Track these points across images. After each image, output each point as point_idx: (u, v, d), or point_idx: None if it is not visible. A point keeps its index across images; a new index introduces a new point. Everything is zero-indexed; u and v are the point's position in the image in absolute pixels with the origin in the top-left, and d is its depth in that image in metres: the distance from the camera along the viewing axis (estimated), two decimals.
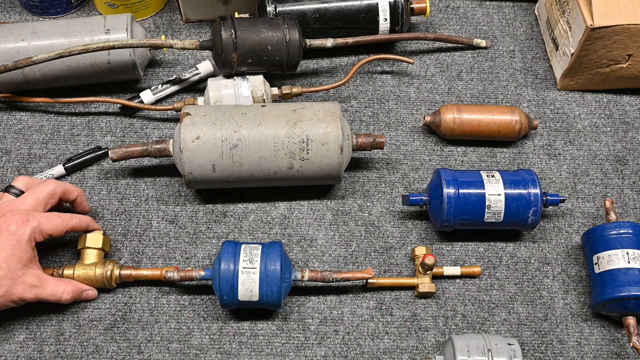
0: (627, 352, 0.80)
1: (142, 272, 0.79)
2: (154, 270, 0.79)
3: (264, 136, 0.80)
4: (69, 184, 0.81)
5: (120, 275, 0.79)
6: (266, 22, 0.89)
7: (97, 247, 0.79)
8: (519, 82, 1.00)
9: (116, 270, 0.79)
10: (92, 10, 1.04)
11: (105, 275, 0.78)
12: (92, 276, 0.78)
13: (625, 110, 0.97)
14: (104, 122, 0.94)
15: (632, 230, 0.79)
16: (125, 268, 0.79)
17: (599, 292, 0.78)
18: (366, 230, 0.87)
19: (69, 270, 0.78)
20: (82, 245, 0.79)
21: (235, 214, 0.87)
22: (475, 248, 0.86)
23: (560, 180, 0.91)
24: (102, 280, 0.78)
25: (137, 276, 0.79)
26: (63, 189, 0.79)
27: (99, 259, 0.79)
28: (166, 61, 1.00)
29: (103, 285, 0.79)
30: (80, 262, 0.79)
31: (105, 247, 0.80)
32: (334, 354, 0.79)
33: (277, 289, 0.74)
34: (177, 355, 0.78)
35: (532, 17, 1.07)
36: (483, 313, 0.82)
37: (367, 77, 0.99)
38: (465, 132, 0.91)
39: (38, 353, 0.77)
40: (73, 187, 0.81)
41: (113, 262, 0.79)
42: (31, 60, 0.85)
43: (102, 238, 0.79)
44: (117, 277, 0.79)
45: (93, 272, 0.78)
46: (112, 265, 0.79)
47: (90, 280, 0.78)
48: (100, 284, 0.79)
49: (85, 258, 0.79)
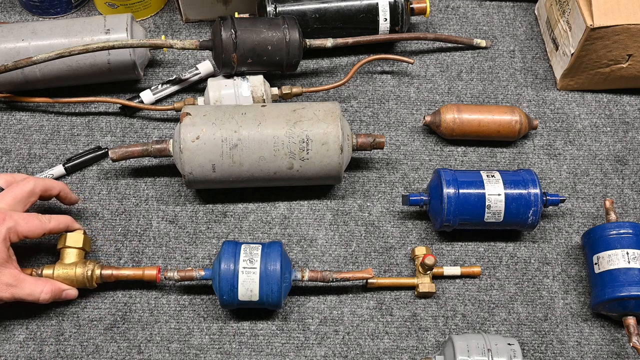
0: (627, 352, 0.80)
1: (123, 272, 0.78)
2: (136, 270, 0.78)
3: (264, 136, 0.80)
4: (50, 180, 0.80)
5: (102, 275, 0.77)
6: (266, 22, 0.89)
7: (78, 246, 0.77)
8: (519, 82, 1.00)
9: (97, 270, 0.77)
10: (92, 10, 1.04)
11: (86, 275, 0.76)
12: (72, 276, 0.76)
13: (625, 110, 0.97)
14: (104, 122, 0.94)
15: (632, 230, 0.79)
16: (107, 268, 0.78)
17: (599, 292, 0.78)
18: (366, 230, 0.87)
19: (48, 270, 0.76)
20: (62, 244, 0.78)
21: (235, 214, 0.87)
22: (475, 248, 0.86)
23: (560, 180, 0.91)
24: (82, 280, 0.77)
25: (118, 276, 0.78)
26: (43, 186, 0.78)
27: (79, 258, 0.78)
28: (166, 61, 1.00)
29: (84, 285, 0.77)
30: (60, 262, 0.77)
31: (86, 247, 0.79)
32: (334, 354, 0.79)
33: (277, 288, 0.74)
34: (177, 355, 0.78)
35: (532, 17, 1.07)
36: (483, 313, 0.82)
37: (367, 77, 0.99)
38: (465, 132, 0.91)
39: (38, 353, 0.77)
40: (54, 182, 0.80)
41: (94, 262, 0.78)
42: (31, 60, 0.85)
43: (82, 237, 0.78)
44: (98, 277, 0.77)
45: (73, 272, 0.76)
46: (92, 264, 0.77)
47: (70, 280, 0.76)
48: (81, 284, 0.77)
49: (65, 257, 0.77)
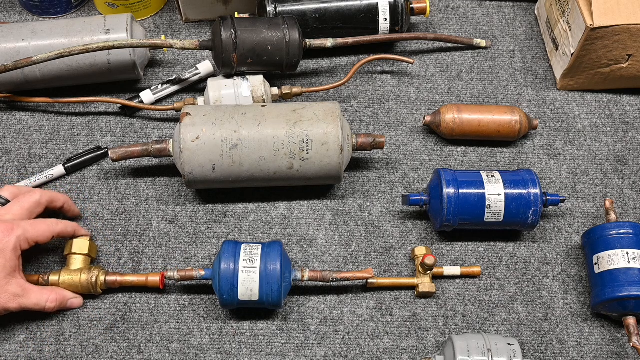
0: (627, 352, 0.80)
1: (127, 278, 0.79)
2: (139, 277, 0.79)
3: (264, 136, 0.80)
4: (55, 193, 0.81)
5: (106, 281, 0.78)
6: (266, 22, 0.89)
7: (83, 253, 0.79)
8: (519, 82, 1.00)
9: (101, 276, 0.78)
10: (92, 10, 1.04)
11: (91, 282, 0.77)
12: (77, 282, 0.77)
13: (625, 110, 0.97)
14: (104, 122, 0.94)
15: (632, 230, 0.79)
16: (111, 274, 0.79)
17: (599, 292, 0.78)
18: (366, 230, 0.87)
19: (54, 276, 0.78)
20: (68, 251, 0.79)
21: (235, 214, 0.87)
22: (475, 248, 0.86)
23: (560, 180, 0.91)
24: (87, 286, 0.78)
25: (122, 282, 0.79)
26: (49, 197, 0.79)
27: (84, 265, 0.79)
28: (166, 61, 1.00)
29: (88, 292, 0.79)
30: (66, 268, 0.78)
31: (92, 253, 0.80)
32: (334, 354, 0.79)
33: (277, 288, 0.74)
34: (177, 355, 0.78)
35: (532, 17, 1.07)
36: (483, 313, 0.82)
37: (367, 77, 0.99)
38: (465, 132, 0.91)
39: (38, 353, 0.77)
40: (59, 194, 0.81)
41: (98, 268, 0.79)
42: (31, 60, 0.85)
43: (88, 244, 0.79)
44: (103, 283, 0.78)
45: (78, 278, 0.77)
46: (97, 271, 0.78)
47: (75, 286, 0.78)
48: (86, 290, 0.78)
49: (71, 264, 0.79)
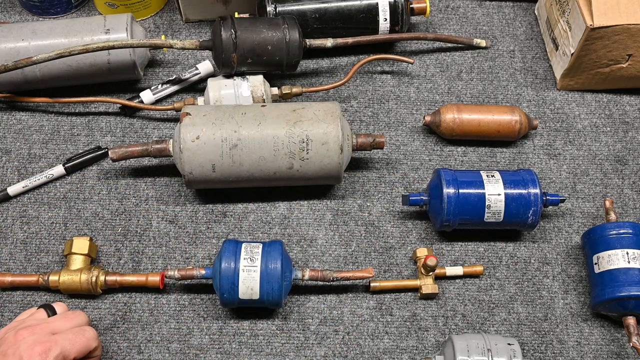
0: (627, 352, 0.80)
1: (127, 278, 0.79)
2: (139, 277, 0.79)
3: (264, 136, 0.80)
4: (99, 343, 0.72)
5: (106, 281, 0.78)
6: (266, 22, 0.89)
7: (84, 253, 0.79)
8: (519, 82, 1.00)
9: (101, 276, 0.78)
10: (92, 10, 1.04)
11: (91, 282, 0.77)
12: (77, 282, 0.77)
13: (625, 110, 0.97)
14: (104, 122, 0.94)
15: (632, 230, 0.79)
16: (111, 274, 0.79)
17: (599, 292, 0.78)
18: (366, 230, 0.87)
19: (54, 276, 0.78)
20: (68, 251, 0.79)
21: (235, 214, 0.87)
22: (475, 248, 0.86)
23: (560, 180, 0.91)
24: (87, 286, 0.78)
25: (122, 282, 0.79)
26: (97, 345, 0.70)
27: (84, 265, 0.79)
28: (166, 61, 1.00)
29: (88, 292, 0.78)
30: (66, 268, 0.78)
31: (92, 254, 0.80)
32: (334, 354, 0.78)
33: (277, 287, 0.74)
34: (177, 355, 0.78)
35: (532, 17, 1.07)
36: (483, 313, 0.82)
37: (367, 77, 0.99)
38: (465, 132, 0.91)
39: None
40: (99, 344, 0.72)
41: (98, 268, 0.79)
42: (31, 60, 0.85)
43: (88, 244, 0.79)
44: (103, 283, 0.78)
45: (78, 278, 0.77)
46: (97, 271, 0.78)
47: (75, 286, 0.78)
48: (86, 290, 0.78)
49: (71, 264, 0.79)
